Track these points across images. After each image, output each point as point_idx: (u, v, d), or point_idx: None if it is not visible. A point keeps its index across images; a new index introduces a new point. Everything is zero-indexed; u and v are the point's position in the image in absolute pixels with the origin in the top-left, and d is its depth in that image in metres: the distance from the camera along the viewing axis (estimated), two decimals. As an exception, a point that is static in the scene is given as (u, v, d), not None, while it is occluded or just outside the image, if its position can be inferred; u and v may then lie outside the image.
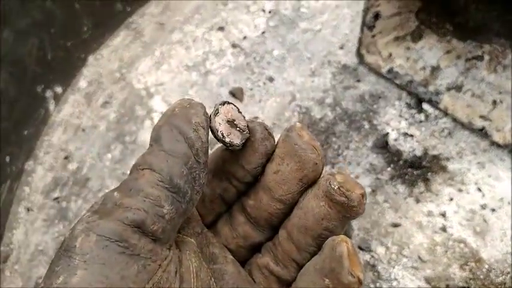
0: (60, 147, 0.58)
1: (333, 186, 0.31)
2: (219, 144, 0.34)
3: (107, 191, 0.30)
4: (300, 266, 0.34)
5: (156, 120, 0.57)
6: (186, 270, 0.31)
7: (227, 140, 0.32)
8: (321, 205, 0.32)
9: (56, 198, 0.54)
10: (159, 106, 0.59)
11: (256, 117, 0.56)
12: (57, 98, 0.59)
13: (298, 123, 0.33)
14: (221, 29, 0.65)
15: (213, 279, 0.33)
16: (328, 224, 0.32)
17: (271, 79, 0.59)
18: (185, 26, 0.65)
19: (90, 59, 0.62)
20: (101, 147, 0.57)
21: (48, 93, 0.57)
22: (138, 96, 0.60)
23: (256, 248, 0.36)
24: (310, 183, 0.33)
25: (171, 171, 0.28)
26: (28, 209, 0.54)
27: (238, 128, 0.32)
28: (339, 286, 0.31)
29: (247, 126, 0.33)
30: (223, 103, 0.32)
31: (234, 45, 0.63)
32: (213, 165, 0.35)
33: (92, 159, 0.56)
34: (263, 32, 0.64)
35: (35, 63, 0.54)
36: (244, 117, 0.33)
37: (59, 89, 0.59)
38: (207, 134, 0.31)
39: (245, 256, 0.37)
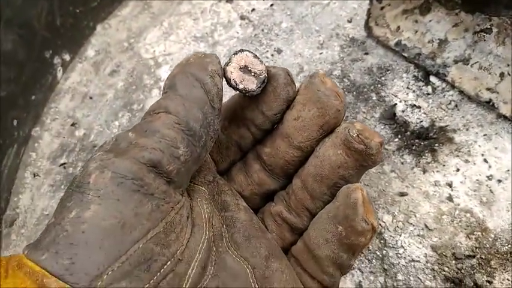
0: (68, 114, 0.57)
1: (351, 134, 0.31)
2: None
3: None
4: (312, 215, 0.34)
5: (164, 89, 0.57)
6: (198, 215, 0.31)
7: (241, 86, 0.32)
8: (338, 153, 0.32)
9: (63, 164, 0.54)
10: (166, 75, 0.59)
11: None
12: (64, 65, 0.59)
13: (320, 70, 0.33)
14: (230, 1, 0.64)
15: (224, 226, 0.33)
16: (344, 173, 0.32)
17: (279, 51, 0.59)
18: (194, -3, 0.65)
19: (98, 28, 0.62)
20: (109, 114, 0.57)
21: (56, 60, 0.57)
22: (146, 65, 0.60)
23: (269, 197, 0.36)
24: (330, 130, 0.33)
25: (188, 114, 0.29)
26: (34, 175, 0.54)
27: (253, 73, 0.32)
28: (352, 233, 0.30)
29: (267, 70, 0.32)
30: (236, 52, 0.32)
31: (242, 17, 0.63)
32: (230, 112, 0.35)
33: (99, 127, 0.56)
34: (271, 5, 0.64)
35: (44, 28, 0.54)
36: (261, 61, 0.32)
37: (66, 56, 0.59)
38: (222, 81, 0.31)
39: (258, 204, 0.37)
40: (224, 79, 0.32)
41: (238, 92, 0.32)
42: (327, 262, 0.32)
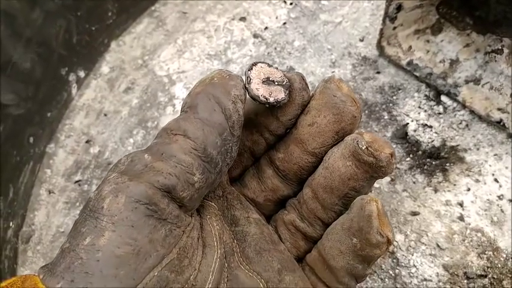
0: (82, 131, 0.58)
1: (360, 146, 0.30)
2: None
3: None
4: (325, 224, 0.33)
5: (178, 107, 0.58)
6: (208, 234, 0.31)
7: (271, 100, 0.30)
8: (347, 165, 0.31)
9: (78, 181, 0.55)
10: (181, 93, 0.60)
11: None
12: (79, 82, 0.60)
13: (335, 75, 0.33)
14: (243, 19, 0.65)
15: (235, 241, 0.32)
16: (355, 184, 0.32)
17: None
18: (207, 15, 0.66)
19: (113, 44, 0.63)
20: (123, 132, 0.57)
21: (72, 77, 0.58)
22: (160, 83, 0.61)
23: (283, 202, 0.36)
24: (344, 137, 0.32)
25: (206, 140, 0.28)
26: (50, 192, 0.54)
27: (276, 83, 0.31)
28: (367, 246, 0.30)
29: (285, 75, 0.32)
30: (251, 67, 0.31)
31: (255, 35, 0.64)
32: (244, 118, 0.35)
33: (114, 144, 0.57)
34: (284, 23, 0.64)
35: (61, 46, 0.54)
36: (277, 68, 0.31)
37: (81, 73, 0.60)
38: (244, 107, 0.30)
39: (272, 210, 0.36)
40: (251, 98, 0.30)
41: (269, 106, 0.31)
42: (342, 272, 0.32)
